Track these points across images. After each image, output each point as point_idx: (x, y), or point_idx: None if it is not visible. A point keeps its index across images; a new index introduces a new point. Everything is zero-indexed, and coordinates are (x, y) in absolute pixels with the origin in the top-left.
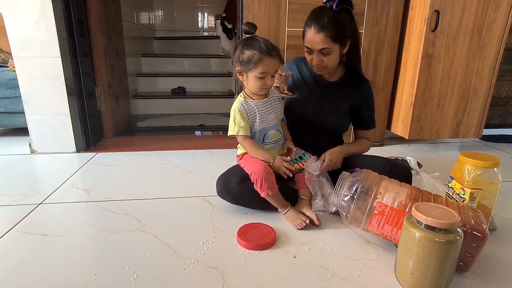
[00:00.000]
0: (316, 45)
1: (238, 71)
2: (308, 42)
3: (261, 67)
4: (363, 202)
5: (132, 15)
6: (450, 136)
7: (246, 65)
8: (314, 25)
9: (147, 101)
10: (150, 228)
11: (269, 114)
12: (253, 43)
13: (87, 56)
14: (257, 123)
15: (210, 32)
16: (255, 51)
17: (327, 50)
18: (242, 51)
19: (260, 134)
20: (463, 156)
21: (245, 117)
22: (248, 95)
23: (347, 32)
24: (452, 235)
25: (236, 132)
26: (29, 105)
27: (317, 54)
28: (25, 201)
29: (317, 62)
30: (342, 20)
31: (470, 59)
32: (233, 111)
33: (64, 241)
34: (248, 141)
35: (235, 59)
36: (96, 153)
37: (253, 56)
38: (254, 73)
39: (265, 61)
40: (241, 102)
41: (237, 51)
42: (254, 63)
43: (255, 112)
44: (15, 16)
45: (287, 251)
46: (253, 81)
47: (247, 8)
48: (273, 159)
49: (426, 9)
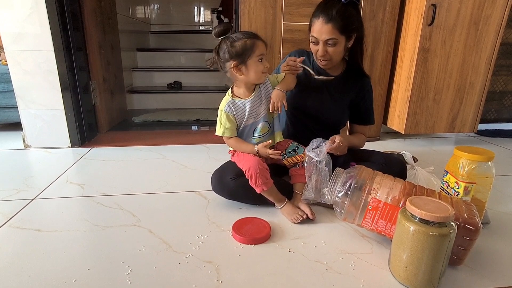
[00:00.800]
0: (323, 36)
1: (234, 67)
2: (315, 32)
3: (258, 49)
4: (357, 198)
5: (127, 8)
6: (445, 130)
7: (243, 55)
8: (323, 16)
9: (142, 95)
10: (145, 222)
11: (258, 107)
12: (236, 35)
13: (81, 50)
14: (246, 119)
15: (207, 26)
16: (244, 38)
17: (333, 41)
18: (231, 45)
19: (250, 129)
20: (458, 150)
21: (231, 119)
22: (236, 94)
23: (354, 25)
24: (446, 229)
25: (221, 133)
26: (22, 99)
27: (323, 45)
28: (19, 196)
29: (322, 53)
30: (350, 13)
31: (466, 53)
32: (220, 111)
33: (58, 236)
34: (232, 139)
35: (226, 58)
36: (91, 148)
37: (245, 43)
38: (254, 59)
39: (258, 43)
40: (228, 103)
41: (223, 49)
42: (250, 48)
43: (243, 110)
44: (6, 7)
45: (282, 245)
46: (255, 68)
47: (243, 2)
48: (257, 150)
49: (423, 3)
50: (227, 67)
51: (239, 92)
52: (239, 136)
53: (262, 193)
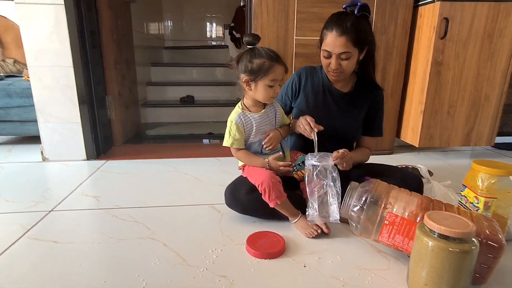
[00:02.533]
0: (337, 49)
1: (245, 81)
2: (329, 45)
3: (272, 74)
4: (373, 212)
5: (142, 25)
6: (461, 144)
7: (256, 73)
8: (336, 28)
9: (156, 109)
10: (159, 235)
11: (265, 125)
12: (260, 52)
13: (98, 65)
14: (253, 134)
15: (218, 42)
16: (264, 59)
17: (347, 55)
18: (250, 60)
19: (258, 146)
20: (476, 164)
21: (241, 130)
22: (246, 107)
23: (367, 38)
24: (467, 245)
25: (230, 144)
26: (42, 113)
27: (336, 58)
28: (37, 208)
29: (336, 66)
30: (363, 25)
31: (481, 66)
32: (230, 122)
33: (74, 248)
34: (241, 152)
35: (242, 69)
36: (106, 160)
37: (263, 64)
38: (265, 82)
39: (275, 68)
40: (239, 114)
41: (242, 61)
42: (265, 71)
43: (252, 124)
44: (30, 27)
45: (297, 260)
46: (263, 90)
47: (255, 18)
48: (267, 163)
49: (435, 17)
50: (240, 78)
51: (249, 104)
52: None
53: (276, 207)
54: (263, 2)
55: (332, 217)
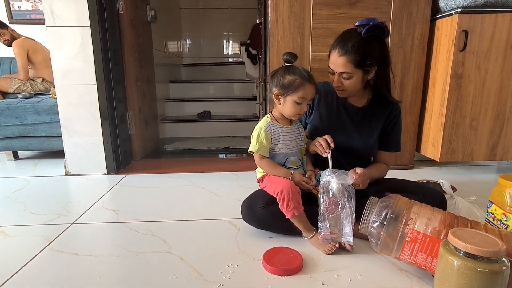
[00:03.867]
0: (338, 68)
1: (275, 94)
2: (331, 63)
3: (301, 92)
4: (394, 228)
5: (162, 44)
6: (485, 158)
7: (286, 89)
8: (339, 48)
9: (174, 124)
10: (176, 250)
11: (291, 140)
12: (294, 70)
13: (120, 83)
14: (280, 146)
15: (235, 58)
16: (296, 76)
17: (348, 75)
18: (283, 75)
19: (282, 158)
20: (503, 179)
21: (269, 138)
22: (275, 118)
23: (372, 59)
24: (497, 265)
25: (256, 149)
26: (67, 129)
27: (338, 76)
28: (59, 221)
29: (337, 84)
30: (369, 47)
31: (504, 78)
32: (259, 128)
33: (94, 260)
34: (265, 160)
35: (274, 83)
36: (125, 175)
37: (294, 80)
38: (293, 97)
39: (306, 87)
40: (268, 123)
41: (277, 75)
42: (295, 88)
43: (279, 135)
44: (59, 48)
45: (315, 278)
46: (291, 105)
47: (271, 35)
48: (292, 174)
49: (453, 30)
50: (271, 91)
51: (277, 116)
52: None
53: (292, 219)
54: (279, 19)
55: (345, 238)
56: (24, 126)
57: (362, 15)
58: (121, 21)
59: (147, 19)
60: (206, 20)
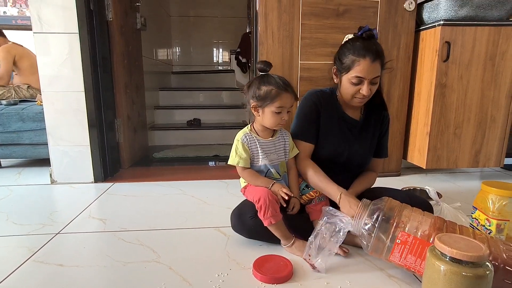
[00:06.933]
0: (372, 74)
1: (253, 107)
2: (363, 72)
3: (279, 102)
4: (385, 231)
5: (152, 51)
6: (469, 165)
7: (263, 100)
8: (369, 55)
9: (163, 132)
10: (165, 259)
11: (271, 153)
12: (269, 79)
13: (109, 90)
14: (260, 158)
15: (225, 66)
16: (272, 86)
17: (377, 79)
18: (258, 87)
19: (261, 171)
20: (486, 186)
21: (247, 149)
22: (255, 131)
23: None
24: (481, 269)
25: (236, 162)
26: (53, 136)
27: (368, 84)
28: (44, 231)
29: (368, 92)
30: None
31: (485, 88)
32: (236, 140)
33: (80, 271)
34: (247, 171)
35: (251, 95)
36: (113, 183)
37: (270, 91)
38: (271, 108)
39: (282, 96)
40: (245, 134)
41: (252, 87)
42: (272, 98)
43: (256, 147)
44: (46, 55)
45: (305, 285)
46: (270, 116)
47: (261, 43)
48: (272, 184)
49: (436, 41)
50: (249, 103)
51: (258, 128)
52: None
53: (269, 227)
54: (269, 29)
55: (319, 266)
56: (8, 133)
57: (349, 25)
58: (110, 28)
59: (137, 26)
60: (196, 28)
